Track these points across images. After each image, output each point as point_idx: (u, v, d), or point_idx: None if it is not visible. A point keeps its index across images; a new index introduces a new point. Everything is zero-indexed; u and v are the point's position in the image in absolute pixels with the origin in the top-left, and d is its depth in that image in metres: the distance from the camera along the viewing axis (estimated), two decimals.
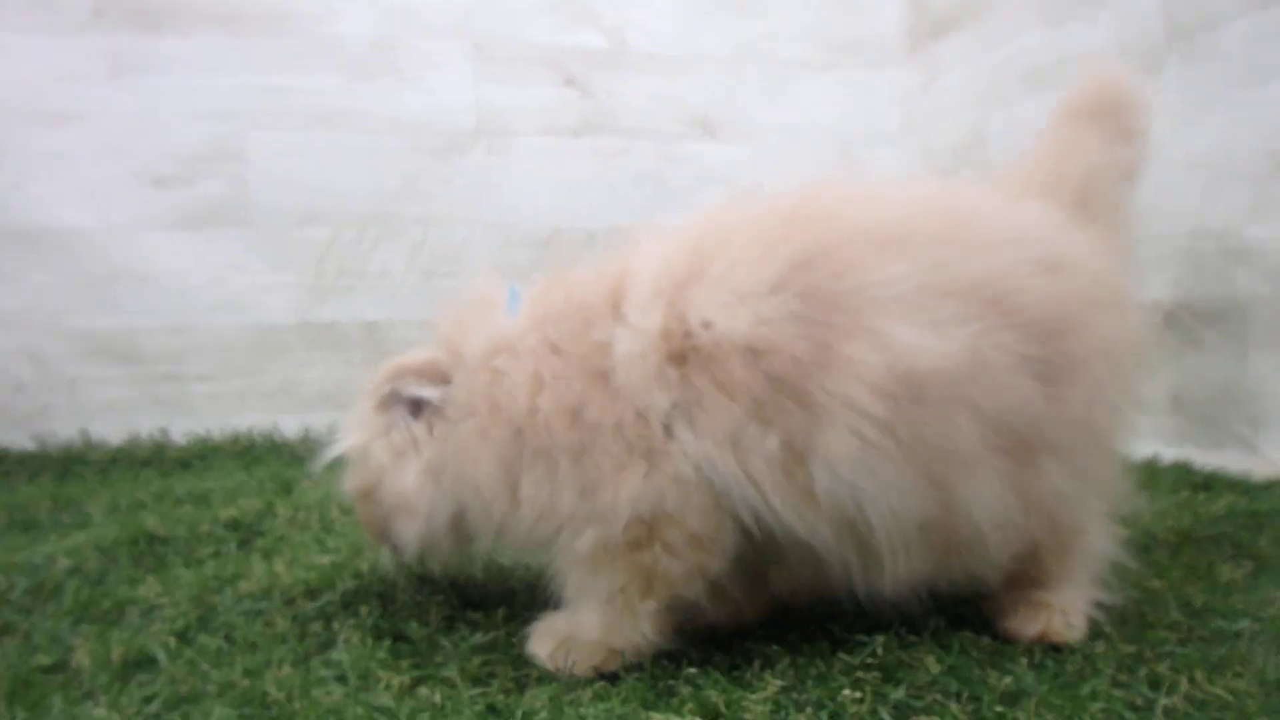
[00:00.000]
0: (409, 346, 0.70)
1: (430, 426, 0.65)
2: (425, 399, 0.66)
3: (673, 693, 0.55)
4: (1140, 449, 1.23)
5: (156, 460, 1.52)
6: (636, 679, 0.57)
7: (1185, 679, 0.54)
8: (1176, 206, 1.24)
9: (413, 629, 0.67)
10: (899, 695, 0.53)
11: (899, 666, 0.57)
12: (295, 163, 1.67)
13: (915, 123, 1.89)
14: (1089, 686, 0.53)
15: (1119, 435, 0.69)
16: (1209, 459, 1.20)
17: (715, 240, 0.61)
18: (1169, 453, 1.25)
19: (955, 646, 0.60)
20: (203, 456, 1.55)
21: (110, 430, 1.59)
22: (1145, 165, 0.74)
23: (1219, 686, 0.53)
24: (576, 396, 0.58)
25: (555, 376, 0.59)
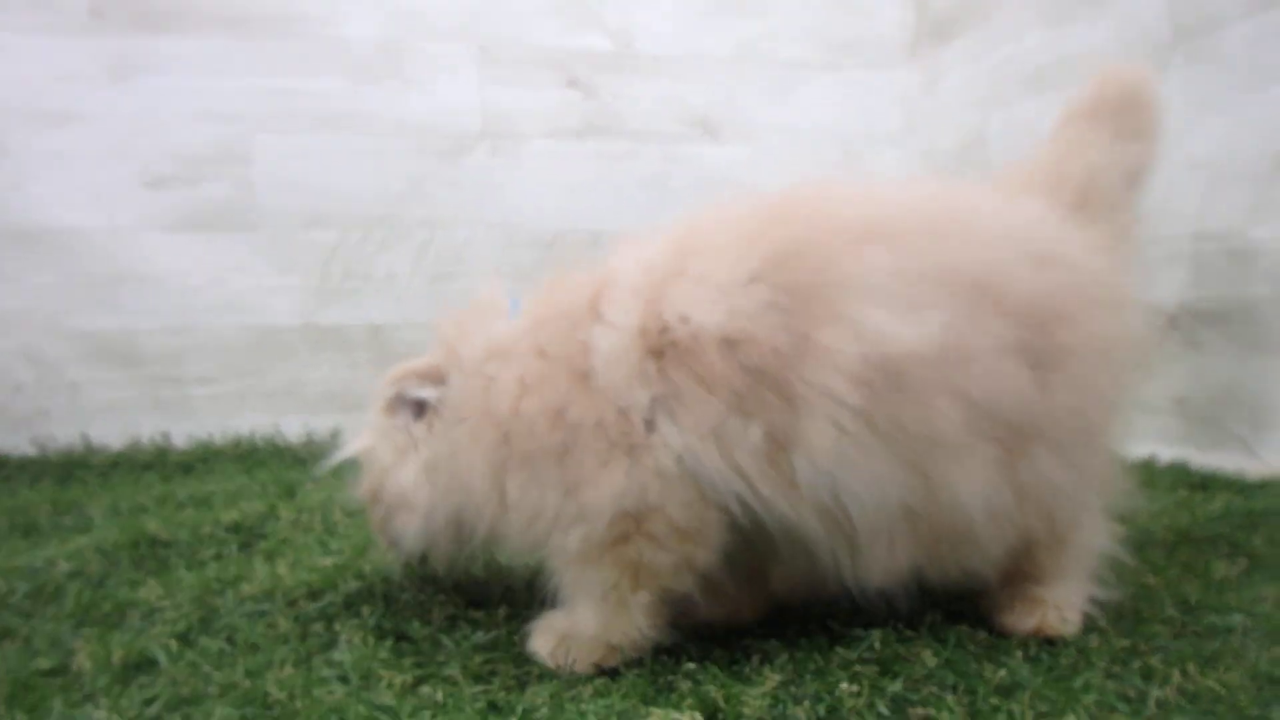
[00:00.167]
0: (414, 349, 0.71)
1: (430, 426, 0.67)
2: (426, 400, 0.67)
3: (672, 688, 0.56)
4: (1138, 449, 1.24)
5: (158, 464, 1.52)
6: (636, 675, 0.58)
7: (1178, 672, 0.55)
8: (1178, 207, 1.25)
9: (415, 628, 0.67)
10: (896, 688, 0.53)
11: (896, 660, 0.57)
12: (300, 165, 1.68)
13: (917, 123, 1.90)
14: (1082, 679, 0.54)
15: (1115, 432, 0.69)
16: (1207, 459, 1.20)
17: (696, 239, 0.62)
18: (1167, 452, 1.26)
19: (951, 640, 0.60)
20: (204, 460, 1.55)
21: (111, 432, 1.59)
22: (1155, 165, 0.72)
23: (1211, 680, 0.53)
24: (559, 398, 0.58)
25: (540, 380, 0.59)
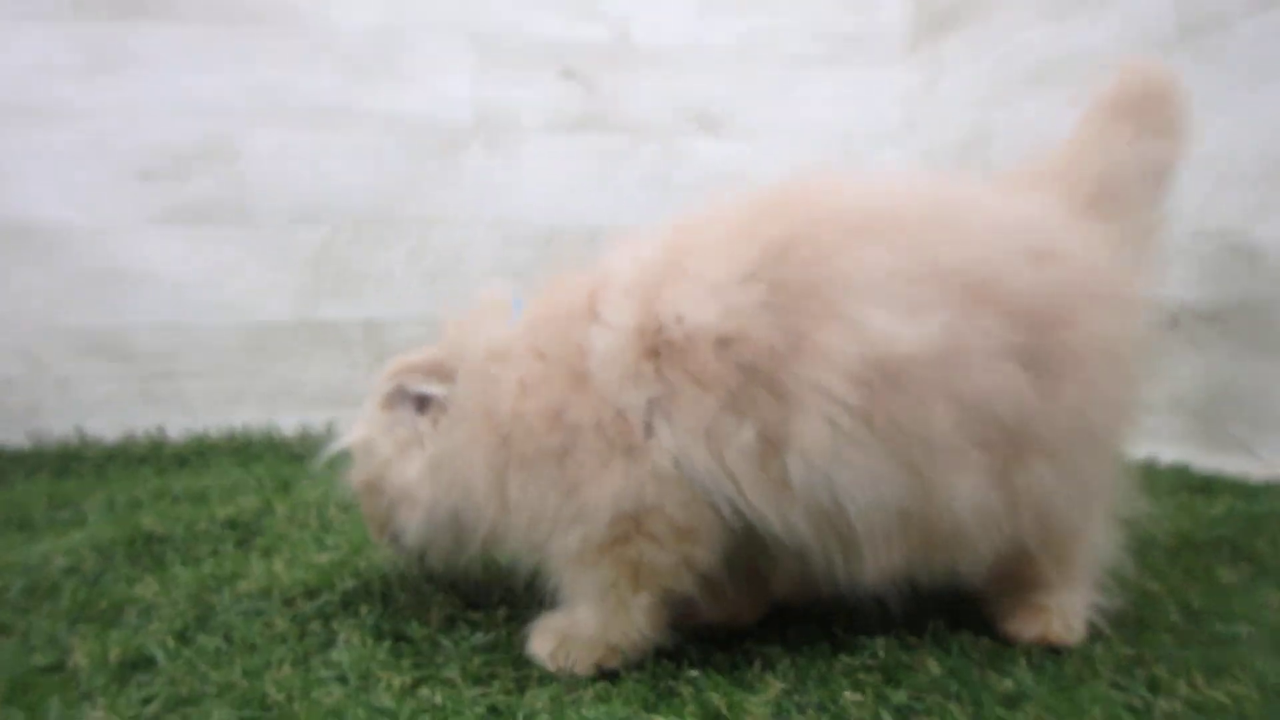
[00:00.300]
0: (408, 345, 0.70)
1: (435, 421, 0.66)
2: (430, 395, 0.66)
3: (674, 693, 0.55)
4: (1138, 449, 1.23)
5: (153, 458, 1.51)
6: (637, 679, 0.57)
7: (1184, 682, 0.54)
8: (1181, 206, 1.23)
9: (413, 629, 0.67)
10: (900, 697, 0.53)
11: (900, 668, 0.57)
12: (292, 159, 1.66)
13: (918, 120, 1.88)
14: (1089, 690, 0.54)
15: (1121, 438, 0.68)
16: (1208, 461, 1.20)
17: (690, 236, 0.61)
18: (1168, 453, 1.25)
19: (955, 648, 0.60)
20: (200, 454, 1.54)
21: (105, 427, 1.57)
22: (1180, 162, 0.71)
23: (1218, 690, 0.53)
24: (558, 400, 0.58)
25: (538, 381, 0.59)
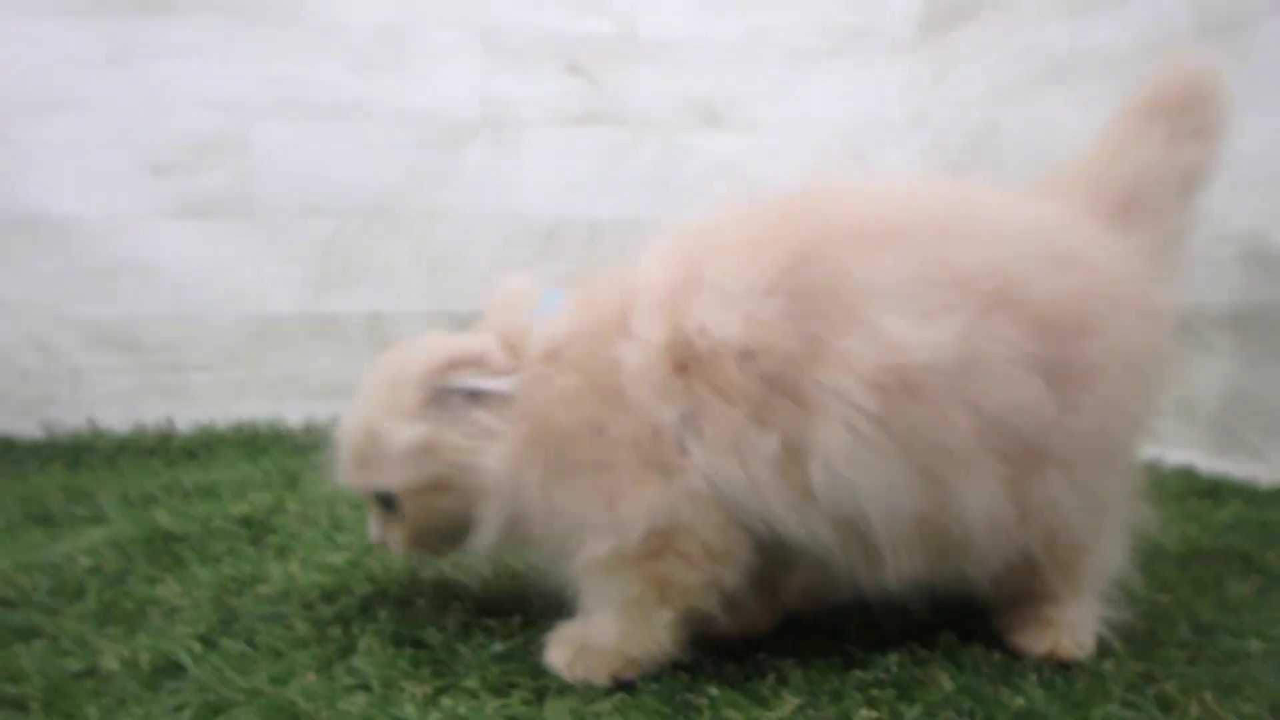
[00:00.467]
0: (412, 338, 0.68)
1: (502, 416, 0.62)
2: (489, 390, 0.62)
3: (690, 706, 0.56)
4: (1145, 451, 1.24)
5: (162, 449, 1.53)
6: (653, 692, 0.58)
7: (1195, 702, 0.55)
8: (1200, 209, 1.23)
9: (431, 635, 0.67)
10: (914, 714, 0.54)
11: (913, 684, 0.58)
12: (300, 153, 1.66)
13: (926, 114, 1.86)
14: (1100, 710, 0.54)
15: (1135, 449, 0.69)
16: (1214, 464, 1.20)
17: (707, 245, 0.61)
18: (1174, 455, 1.26)
19: (967, 664, 0.61)
20: (208, 446, 1.55)
21: (115, 418, 1.59)
22: (1215, 168, 0.69)
23: (1229, 710, 0.54)
24: (598, 415, 0.58)
25: (579, 394, 0.59)
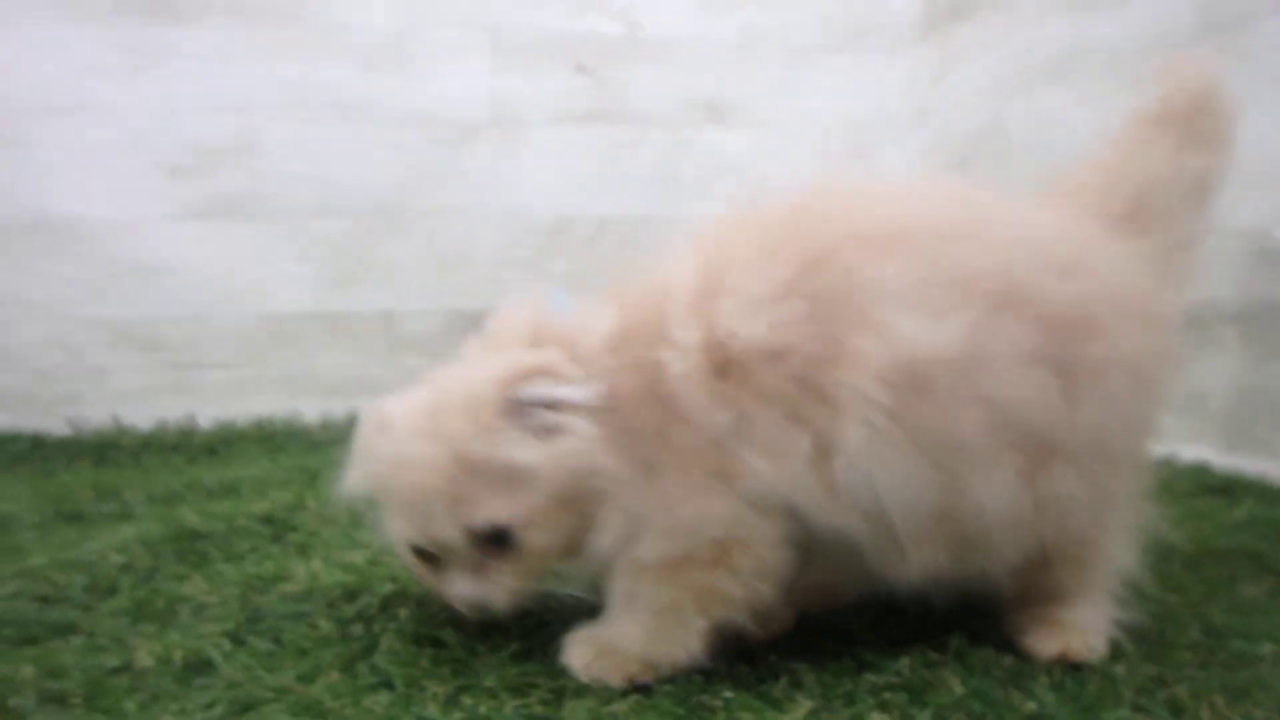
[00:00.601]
0: (424, 335, 0.68)
1: (591, 422, 0.60)
2: (567, 399, 0.60)
3: (705, 708, 0.58)
4: (1157, 448, 1.23)
5: (184, 446, 1.56)
6: (669, 694, 0.59)
7: (1206, 706, 0.55)
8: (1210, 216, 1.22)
9: (449, 635, 0.69)
10: (925, 717, 0.55)
11: (924, 687, 0.59)
12: (311, 154, 1.68)
13: (928, 112, 1.84)
14: (1111, 714, 0.55)
15: (1142, 451, 0.69)
16: (1227, 461, 1.20)
17: (725, 249, 0.62)
18: (1187, 452, 1.26)
19: (978, 667, 0.61)
20: (227, 442, 1.58)
21: (138, 415, 1.62)
22: (1223, 174, 0.70)
23: (1240, 715, 0.54)
24: (659, 418, 0.59)
25: (643, 394, 0.60)
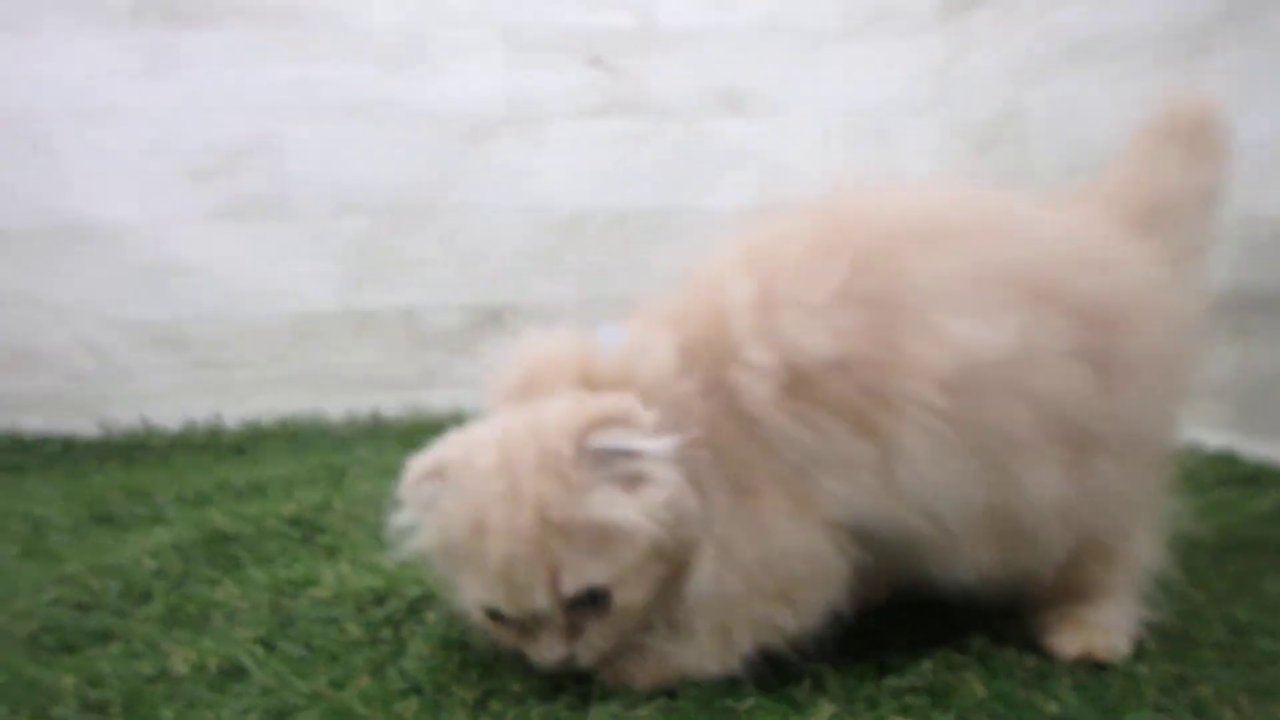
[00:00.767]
0: (446, 332, 0.67)
1: (670, 465, 0.58)
2: (650, 451, 0.57)
3: (728, 711, 0.58)
4: (1183, 435, 1.22)
5: (212, 446, 1.59)
6: (693, 698, 0.60)
7: (1229, 707, 0.56)
8: (1232, 191, 1.20)
9: (475, 638, 0.70)
10: None
11: (946, 690, 0.59)
12: (331, 154, 1.69)
13: (948, 96, 1.82)
14: (1134, 716, 0.55)
15: (1166, 448, 0.70)
16: (1254, 449, 1.19)
17: (772, 257, 0.62)
18: (1213, 440, 1.24)
19: (1000, 669, 0.62)
20: (254, 441, 1.61)
21: (166, 415, 1.66)
22: (1227, 185, 0.75)
23: (1264, 715, 0.54)
24: (739, 443, 0.59)
25: (719, 418, 0.59)
